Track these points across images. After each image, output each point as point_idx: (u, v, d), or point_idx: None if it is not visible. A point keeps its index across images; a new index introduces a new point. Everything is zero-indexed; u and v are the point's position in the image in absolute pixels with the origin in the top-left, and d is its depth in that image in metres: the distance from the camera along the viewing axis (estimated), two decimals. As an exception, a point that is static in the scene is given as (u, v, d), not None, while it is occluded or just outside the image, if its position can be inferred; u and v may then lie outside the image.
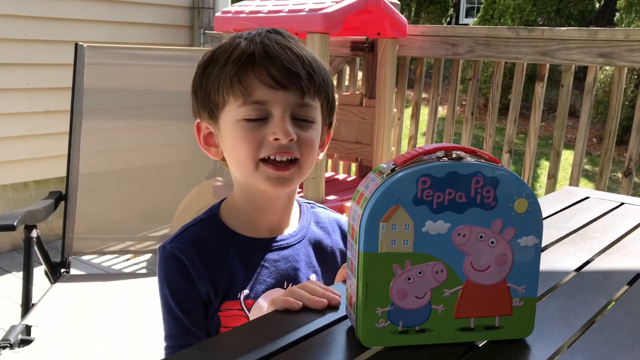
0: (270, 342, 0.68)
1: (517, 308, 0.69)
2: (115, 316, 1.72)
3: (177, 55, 2.35)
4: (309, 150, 0.90)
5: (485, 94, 6.90)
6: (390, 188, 0.64)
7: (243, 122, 0.87)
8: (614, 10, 7.17)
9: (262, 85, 0.86)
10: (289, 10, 2.55)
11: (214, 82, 0.89)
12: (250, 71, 0.86)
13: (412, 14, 8.39)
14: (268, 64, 0.86)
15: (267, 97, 0.86)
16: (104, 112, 2.15)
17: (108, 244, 2.14)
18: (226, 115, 0.90)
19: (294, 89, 0.87)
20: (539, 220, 0.67)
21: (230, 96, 0.88)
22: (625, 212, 1.33)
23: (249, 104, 0.86)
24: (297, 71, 0.87)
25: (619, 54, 2.30)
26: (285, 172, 0.88)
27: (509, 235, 0.66)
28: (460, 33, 2.74)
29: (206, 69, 0.92)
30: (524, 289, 0.68)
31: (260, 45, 0.87)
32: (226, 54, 0.89)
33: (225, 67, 0.88)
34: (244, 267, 0.93)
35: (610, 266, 0.98)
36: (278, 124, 0.86)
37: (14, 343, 1.46)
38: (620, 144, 5.54)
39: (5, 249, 3.29)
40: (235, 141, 0.89)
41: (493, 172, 0.65)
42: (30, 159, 3.27)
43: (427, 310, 0.68)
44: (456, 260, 0.66)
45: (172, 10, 3.76)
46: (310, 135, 0.90)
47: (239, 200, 0.97)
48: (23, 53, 3.13)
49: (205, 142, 0.97)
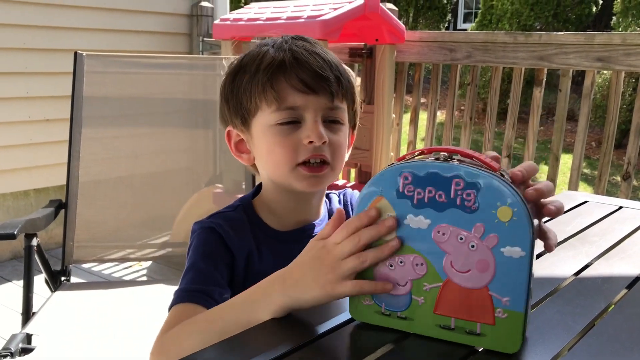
0: (285, 341, 0.69)
1: (501, 319, 0.66)
2: (116, 324, 1.72)
3: (176, 63, 2.36)
4: (339, 152, 0.95)
5: (483, 99, 6.91)
6: (376, 179, 0.69)
7: (277, 127, 0.91)
8: (610, 15, 7.20)
9: (294, 91, 0.90)
10: (288, 17, 2.57)
11: (245, 89, 0.92)
12: (282, 77, 0.90)
13: (410, 19, 8.41)
14: (298, 70, 0.89)
15: (299, 102, 0.90)
16: (104, 120, 2.16)
17: (108, 251, 2.14)
18: (259, 121, 0.93)
19: (324, 92, 0.91)
20: (526, 232, 0.64)
21: (263, 102, 0.91)
22: (624, 216, 1.33)
23: (282, 110, 0.90)
24: (326, 75, 0.90)
25: (616, 58, 2.31)
26: (319, 173, 0.92)
27: (492, 242, 0.65)
28: (458, 38, 2.75)
29: (236, 77, 0.95)
30: (507, 300, 0.66)
31: (289, 52, 0.91)
32: (256, 62, 0.92)
33: (257, 75, 0.91)
34: (272, 256, 0.96)
35: (609, 270, 0.98)
36: (312, 128, 0.90)
37: (14, 352, 1.46)
38: (619, 147, 5.55)
39: (5, 257, 3.29)
40: (271, 145, 0.92)
41: (475, 177, 0.65)
42: (30, 167, 3.28)
43: (407, 299, 0.70)
44: (436, 257, 0.68)
45: (171, 18, 3.77)
46: (340, 137, 0.94)
47: (270, 201, 1.00)
48: (23, 62, 3.14)
49: (237, 149, 1.00)
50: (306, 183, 0.92)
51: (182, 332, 0.81)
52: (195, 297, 0.88)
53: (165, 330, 0.84)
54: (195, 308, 0.87)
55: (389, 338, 0.71)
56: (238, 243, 0.94)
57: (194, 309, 0.86)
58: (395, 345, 0.70)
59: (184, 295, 0.89)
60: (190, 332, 0.80)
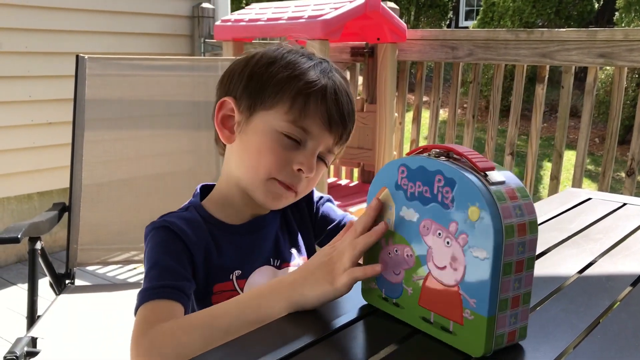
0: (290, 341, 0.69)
1: (468, 321, 0.65)
2: (121, 326, 1.72)
3: (177, 65, 2.36)
4: (310, 187, 0.97)
5: (486, 97, 6.90)
6: (382, 171, 0.74)
7: (281, 136, 0.90)
8: (613, 10, 7.17)
9: (318, 119, 0.91)
10: (289, 17, 2.57)
11: (278, 82, 0.90)
12: (317, 100, 0.90)
13: (411, 18, 8.40)
14: (333, 104, 0.91)
15: (314, 130, 0.91)
16: (106, 122, 2.16)
17: (112, 254, 2.14)
18: (266, 117, 0.91)
19: (336, 134, 0.93)
20: (490, 236, 0.61)
21: (285, 106, 0.90)
22: (628, 213, 1.32)
23: (297, 126, 0.90)
24: (346, 123, 0.94)
25: (619, 54, 2.31)
26: (288, 191, 0.93)
27: (463, 241, 0.65)
28: (460, 36, 2.75)
29: (274, 64, 0.92)
30: (474, 302, 0.65)
31: (332, 81, 0.92)
32: (300, 68, 0.91)
33: (296, 81, 0.90)
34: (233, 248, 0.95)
35: (613, 267, 0.98)
36: (308, 158, 0.91)
37: (20, 355, 1.47)
38: (623, 143, 5.54)
39: (10, 261, 3.29)
40: (264, 147, 0.91)
41: (453, 174, 0.65)
42: (34, 170, 3.28)
43: (400, 287, 0.74)
44: (421, 250, 0.70)
45: (172, 19, 3.78)
46: (318, 176, 0.96)
47: (227, 194, 0.99)
48: (24, 65, 3.15)
49: (222, 121, 0.96)
50: (271, 197, 0.93)
51: (177, 328, 0.77)
52: (167, 293, 0.83)
53: (144, 330, 0.79)
54: (169, 304, 0.82)
55: (392, 339, 0.71)
56: (194, 238, 0.91)
57: (169, 305, 0.82)
58: (399, 346, 0.70)
59: (153, 293, 0.83)
60: (188, 328, 0.77)
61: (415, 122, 3.06)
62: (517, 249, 0.63)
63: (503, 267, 0.62)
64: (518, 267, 0.64)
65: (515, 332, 0.66)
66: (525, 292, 0.65)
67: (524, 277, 0.65)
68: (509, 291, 0.64)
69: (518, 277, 0.64)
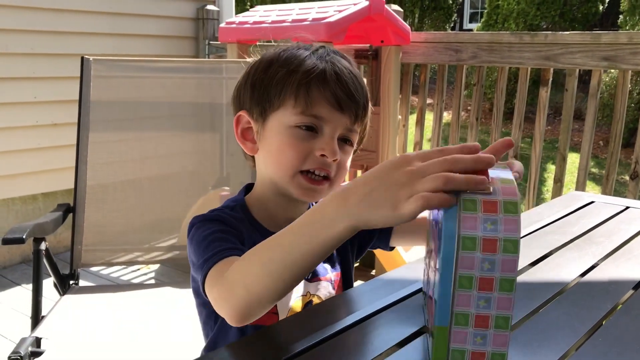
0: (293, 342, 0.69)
1: (435, 327, 0.63)
2: (125, 327, 1.73)
3: (182, 67, 2.37)
4: (343, 172, 0.95)
5: (490, 99, 6.89)
6: None
7: (295, 130, 0.91)
8: (617, 13, 7.17)
9: (325, 102, 0.90)
10: (293, 19, 2.57)
11: (279, 82, 0.91)
12: (319, 86, 0.90)
13: (415, 20, 8.41)
14: (337, 85, 0.90)
15: (325, 115, 0.90)
16: (111, 124, 2.17)
17: (116, 255, 2.15)
18: (278, 117, 0.92)
19: (349, 113, 0.92)
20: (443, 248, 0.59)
21: (292, 101, 0.91)
22: (631, 216, 1.33)
23: (307, 115, 0.90)
24: (357, 98, 0.92)
25: (623, 57, 2.31)
26: (318, 186, 0.92)
27: (436, 246, 0.64)
28: (464, 39, 2.75)
29: (270, 67, 0.94)
30: (433, 309, 0.64)
31: (331, 64, 0.92)
32: (296, 61, 0.92)
33: (295, 74, 0.90)
34: None
35: (616, 271, 0.98)
36: (328, 142, 0.91)
37: (24, 355, 1.47)
38: (627, 146, 5.52)
39: (14, 261, 3.31)
40: (283, 145, 0.92)
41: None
42: (39, 171, 3.30)
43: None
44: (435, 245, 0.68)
45: (177, 21, 3.79)
46: (347, 158, 0.96)
47: (264, 197, 0.99)
48: (30, 67, 3.16)
49: (243, 135, 0.98)
50: (302, 192, 0.92)
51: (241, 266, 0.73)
52: (229, 252, 0.81)
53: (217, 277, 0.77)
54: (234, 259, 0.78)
55: (393, 340, 0.72)
56: (243, 237, 0.91)
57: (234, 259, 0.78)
58: (400, 348, 0.71)
59: (215, 257, 0.80)
60: (251, 262, 0.73)
61: (419, 124, 3.06)
62: (482, 264, 0.58)
63: (459, 280, 0.59)
64: (483, 285, 0.59)
65: (484, 355, 0.62)
66: (498, 315, 0.60)
67: (494, 297, 0.59)
68: (469, 307, 0.60)
69: (484, 295, 0.59)
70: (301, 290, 0.96)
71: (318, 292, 0.98)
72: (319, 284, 0.99)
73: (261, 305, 0.72)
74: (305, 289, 0.97)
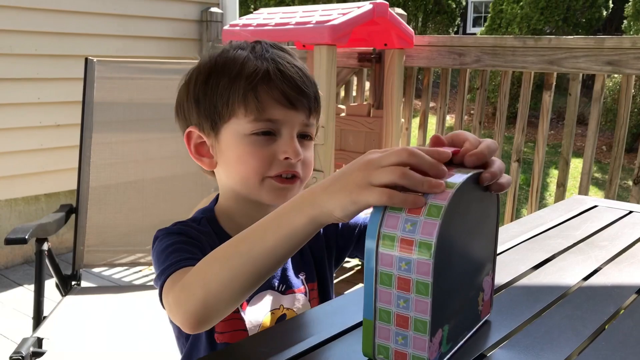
0: (284, 348, 0.69)
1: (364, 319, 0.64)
2: (127, 328, 1.73)
3: (186, 69, 2.35)
4: (309, 168, 0.93)
5: (493, 103, 6.90)
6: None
7: (252, 137, 0.87)
8: (621, 18, 7.16)
9: (276, 104, 0.87)
10: (296, 22, 2.57)
11: (222, 94, 0.88)
12: (265, 88, 0.86)
13: (419, 24, 8.42)
14: (283, 83, 0.87)
15: (279, 116, 0.87)
16: (114, 125, 2.17)
17: (118, 256, 2.15)
18: (231, 127, 0.89)
19: (303, 108, 0.89)
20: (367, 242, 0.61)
21: (241, 110, 0.87)
22: (634, 221, 1.32)
23: (261, 120, 0.86)
24: (308, 92, 0.89)
25: (627, 62, 2.30)
26: (290, 184, 0.90)
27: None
28: (467, 43, 2.75)
29: (210, 78, 0.90)
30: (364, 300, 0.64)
31: (272, 62, 0.88)
32: (236, 66, 0.88)
33: (238, 81, 0.87)
34: None
35: (619, 275, 0.98)
36: (289, 144, 0.87)
37: (25, 356, 1.47)
38: (630, 151, 5.52)
39: (17, 262, 3.31)
40: (244, 155, 0.88)
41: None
42: (42, 172, 3.30)
43: None
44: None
45: (181, 23, 3.80)
46: (310, 153, 0.93)
47: (229, 209, 0.96)
48: (34, 68, 3.17)
49: (197, 152, 0.95)
50: (275, 195, 0.89)
51: (200, 265, 0.72)
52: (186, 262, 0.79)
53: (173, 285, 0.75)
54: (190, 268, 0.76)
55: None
56: (208, 250, 0.87)
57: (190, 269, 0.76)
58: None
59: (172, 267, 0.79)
60: (210, 261, 0.71)
61: (422, 128, 3.07)
62: (399, 263, 0.59)
63: (380, 275, 0.61)
64: (402, 285, 0.60)
65: (405, 356, 0.62)
66: (417, 318, 0.60)
67: (412, 299, 0.60)
68: (390, 305, 0.61)
69: (403, 295, 0.60)
70: (272, 305, 0.93)
71: (293, 306, 0.95)
72: (294, 297, 0.96)
73: (220, 306, 0.70)
74: (279, 302, 0.94)
